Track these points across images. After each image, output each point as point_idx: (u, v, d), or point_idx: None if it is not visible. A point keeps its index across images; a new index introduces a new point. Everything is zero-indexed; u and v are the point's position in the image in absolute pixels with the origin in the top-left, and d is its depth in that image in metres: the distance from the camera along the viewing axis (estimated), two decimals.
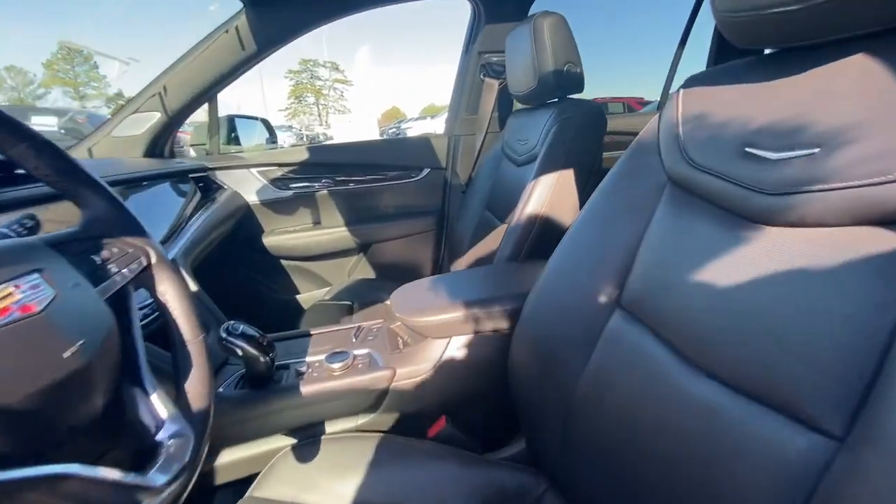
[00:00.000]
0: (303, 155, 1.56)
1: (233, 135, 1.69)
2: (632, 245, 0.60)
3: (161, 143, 1.38)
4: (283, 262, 1.60)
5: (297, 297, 1.63)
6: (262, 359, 0.72)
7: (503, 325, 0.79)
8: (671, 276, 0.53)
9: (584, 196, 1.05)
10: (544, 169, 1.04)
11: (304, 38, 1.39)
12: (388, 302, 1.45)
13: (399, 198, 1.64)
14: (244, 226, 1.48)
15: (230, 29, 1.25)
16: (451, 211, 1.63)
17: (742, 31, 0.48)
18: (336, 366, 0.77)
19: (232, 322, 0.71)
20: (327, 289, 1.58)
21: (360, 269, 1.65)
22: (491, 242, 1.29)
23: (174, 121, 1.35)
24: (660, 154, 0.59)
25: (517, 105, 1.51)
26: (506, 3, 1.38)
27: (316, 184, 1.58)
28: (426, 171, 1.64)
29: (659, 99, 1.95)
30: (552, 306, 0.70)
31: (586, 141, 1.06)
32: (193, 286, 0.91)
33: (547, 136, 1.08)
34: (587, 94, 1.19)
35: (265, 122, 1.64)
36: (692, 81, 0.58)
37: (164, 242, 0.96)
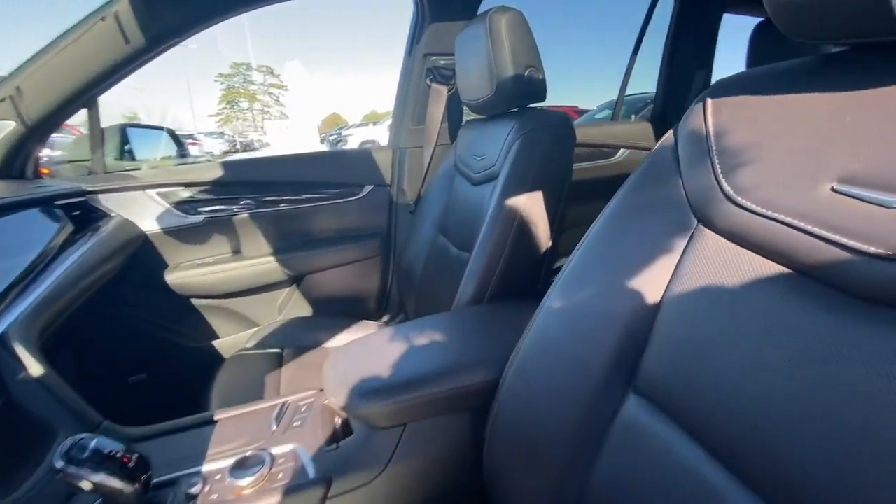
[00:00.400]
0: (217, 171, 1.30)
1: (126, 147, 1.38)
2: (646, 310, 0.45)
3: (19, 160, 1.07)
4: (195, 301, 1.32)
5: (215, 343, 1.36)
6: (125, 489, 0.48)
7: (474, 403, 0.61)
8: (714, 363, 0.38)
9: (555, 224, 0.90)
10: (508, 192, 0.88)
11: (224, 42, 1.15)
12: (326, 345, 1.23)
13: (337, 220, 1.42)
14: (140, 261, 1.19)
15: (107, 16, 0.98)
16: (399, 234, 1.43)
17: (822, 18, 0.33)
18: (245, 481, 0.54)
19: (79, 438, 0.47)
20: (253, 330, 1.32)
21: (293, 305, 1.40)
22: (447, 273, 1.11)
23: (36, 132, 1.05)
24: (683, 187, 0.44)
25: (468, 113, 1.35)
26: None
27: (234, 206, 1.32)
28: (368, 188, 1.43)
29: (614, 106, 1.88)
30: (541, 382, 0.53)
31: (556, 158, 0.91)
32: (39, 368, 0.65)
33: (509, 153, 0.92)
34: None
35: (170, 133, 1.35)
36: (724, 87, 0.43)
37: None
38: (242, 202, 1.32)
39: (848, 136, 0.32)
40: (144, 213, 1.21)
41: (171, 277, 1.24)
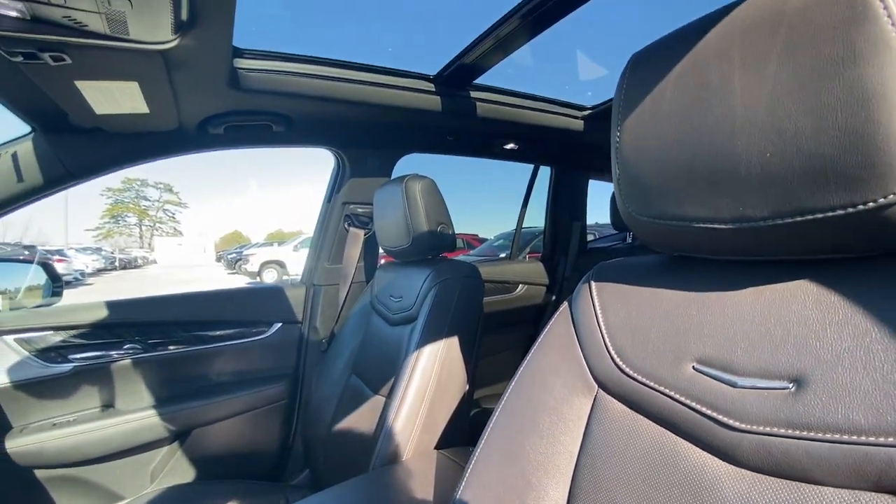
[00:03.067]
0: (99, 312, 1.16)
1: None
2: (564, 472, 0.48)
3: None
4: (40, 474, 1.05)
5: None
6: None
7: None
8: None
9: (471, 368, 0.95)
10: (428, 337, 0.91)
11: None
12: None
13: (239, 361, 1.31)
14: None
15: (2, 154, 0.93)
16: (308, 375, 1.36)
17: (660, 237, 0.45)
18: None
19: None
20: None
21: (170, 470, 1.18)
22: (361, 418, 1.06)
23: None
24: (582, 355, 0.51)
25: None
26: (371, 158, 1.38)
27: (115, 351, 1.16)
28: (277, 326, 1.37)
29: (507, 237, 2.12)
30: None
31: (469, 305, 0.99)
32: None
33: (426, 299, 0.98)
34: None
35: (45, 266, 1.19)
36: (605, 272, 0.53)
37: None
38: (126, 346, 1.17)
39: (696, 325, 0.42)
40: None
41: (13, 445, 0.99)
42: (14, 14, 0.53)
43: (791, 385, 0.34)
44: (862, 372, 0.31)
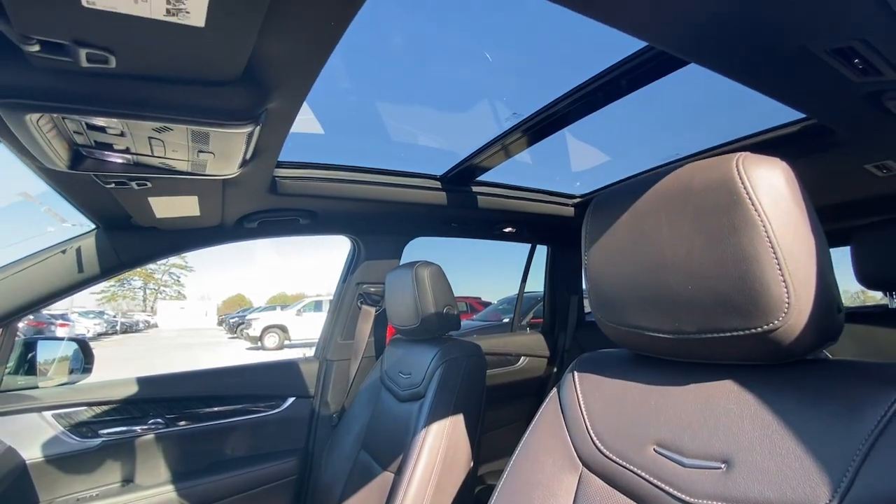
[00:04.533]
0: (129, 389, 1.25)
1: (29, 356, 1.28)
2: None
3: None
4: None
5: None
6: None
7: None
8: None
9: (475, 445, 1.02)
10: (435, 415, 1.00)
11: None
12: None
13: (254, 435, 1.37)
14: (5, 501, 1.01)
15: (68, 249, 1.08)
16: (318, 450, 1.40)
17: (622, 339, 0.57)
18: None
19: None
20: None
21: None
22: (370, 494, 1.11)
23: None
24: (569, 437, 0.61)
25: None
26: (383, 243, 1.53)
27: (139, 426, 1.23)
28: (290, 400, 1.44)
29: (510, 302, 2.21)
30: None
31: (473, 383, 1.08)
32: None
33: (433, 377, 1.07)
34: None
35: (79, 342, 1.28)
36: (585, 365, 0.64)
37: None
38: (150, 421, 1.25)
39: (655, 414, 0.52)
40: (34, 437, 1.08)
41: None
42: (122, 161, 0.70)
43: (723, 465, 0.44)
44: (768, 456, 0.41)
